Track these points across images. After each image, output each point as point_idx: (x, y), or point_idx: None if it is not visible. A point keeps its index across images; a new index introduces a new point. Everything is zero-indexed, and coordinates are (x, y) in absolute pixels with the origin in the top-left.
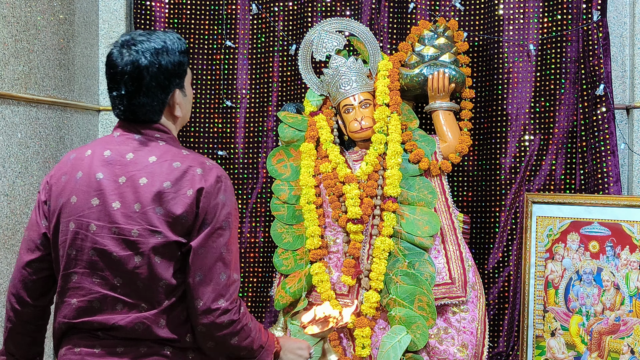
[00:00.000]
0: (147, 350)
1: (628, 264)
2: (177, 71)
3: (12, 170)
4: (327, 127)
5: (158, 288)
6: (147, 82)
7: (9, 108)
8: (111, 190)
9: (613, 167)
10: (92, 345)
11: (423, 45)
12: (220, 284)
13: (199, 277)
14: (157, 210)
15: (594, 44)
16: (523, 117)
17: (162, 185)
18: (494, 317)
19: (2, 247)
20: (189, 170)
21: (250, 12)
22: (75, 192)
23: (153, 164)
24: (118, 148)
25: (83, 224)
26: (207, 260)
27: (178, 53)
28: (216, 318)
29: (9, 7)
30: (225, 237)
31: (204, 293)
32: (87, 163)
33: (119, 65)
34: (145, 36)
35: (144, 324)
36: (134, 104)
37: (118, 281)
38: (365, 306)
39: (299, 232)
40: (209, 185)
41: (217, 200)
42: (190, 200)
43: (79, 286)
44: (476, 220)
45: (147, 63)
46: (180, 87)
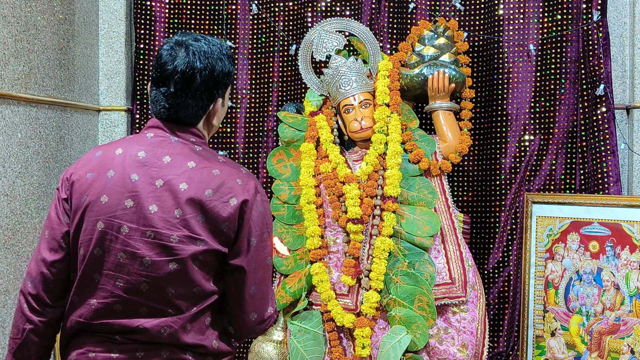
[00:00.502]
0: (169, 355)
1: (628, 264)
2: (224, 80)
3: (12, 170)
4: (327, 127)
5: (191, 295)
6: (198, 85)
7: (9, 108)
8: (147, 193)
9: (613, 167)
10: (109, 350)
11: (423, 45)
12: (270, 293)
13: (253, 291)
14: (200, 218)
15: (594, 44)
16: (523, 117)
17: (203, 193)
18: (494, 317)
19: (2, 247)
20: (229, 179)
21: (250, 12)
22: (107, 191)
23: (193, 169)
24: (154, 150)
25: (114, 225)
26: (259, 274)
27: (229, 62)
28: (267, 325)
29: (9, 7)
30: (268, 249)
31: (258, 306)
32: (119, 162)
33: (173, 62)
34: (204, 40)
35: (170, 328)
36: (180, 104)
37: (144, 287)
38: (365, 306)
39: (299, 232)
40: (251, 197)
41: (259, 212)
42: (233, 210)
43: (102, 287)
44: (476, 220)
45: (202, 66)
46: (223, 97)
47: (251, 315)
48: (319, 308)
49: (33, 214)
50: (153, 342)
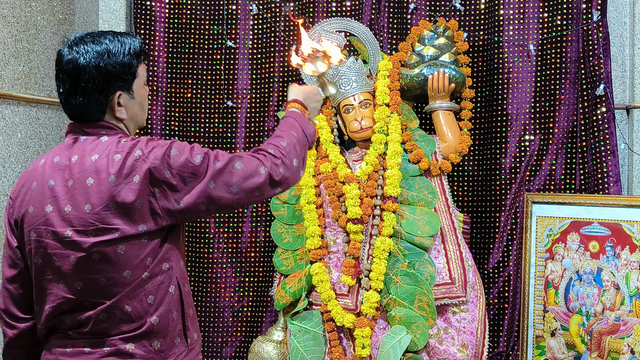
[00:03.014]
0: (109, 349)
1: (628, 264)
2: (119, 74)
3: (12, 170)
4: (327, 127)
5: (123, 279)
6: (84, 83)
7: (9, 108)
8: (63, 195)
9: (613, 167)
10: (64, 345)
11: (423, 45)
12: (245, 163)
13: (239, 166)
14: (110, 206)
15: (594, 44)
16: (523, 117)
17: (107, 181)
18: (494, 317)
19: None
20: (128, 157)
21: (251, 12)
22: (32, 202)
23: (96, 161)
24: (66, 152)
25: (42, 232)
26: (225, 177)
27: (124, 55)
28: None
29: (9, 7)
30: (210, 160)
31: (258, 167)
32: (40, 172)
33: (61, 63)
34: (93, 37)
35: (108, 313)
36: (72, 102)
37: (78, 284)
38: (365, 306)
39: (299, 232)
40: (153, 159)
41: (170, 155)
42: (139, 185)
43: (50, 292)
44: (476, 220)
45: (85, 63)
46: (126, 90)
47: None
48: (319, 308)
49: None
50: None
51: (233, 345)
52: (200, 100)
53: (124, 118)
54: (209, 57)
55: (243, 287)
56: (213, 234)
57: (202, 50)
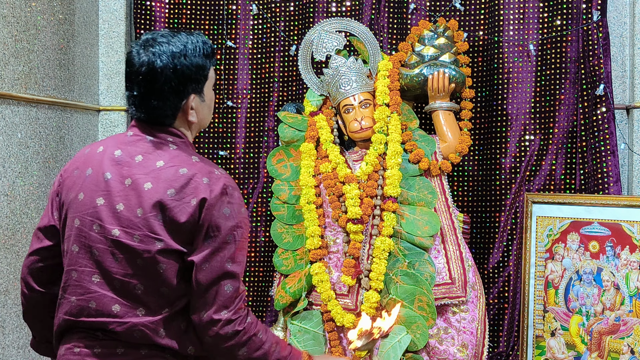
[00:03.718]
0: (147, 352)
1: (628, 264)
2: (194, 76)
3: (12, 170)
4: (327, 127)
5: (159, 294)
6: (160, 85)
7: (9, 108)
8: (117, 191)
9: (613, 167)
10: (92, 346)
11: (423, 45)
12: (225, 296)
13: (203, 289)
14: (159, 218)
15: (594, 44)
16: (523, 117)
17: (165, 193)
18: (494, 317)
19: (2, 247)
20: (194, 178)
21: (251, 12)
22: (84, 189)
23: (160, 168)
24: (129, 148)
25: (87, 222)
26: (212, 274)
27: (198, 56)
28: (220, 329)
29: (9, 7)
30: (230, 250)
31: (207, 305)
32: (97, 160)
33: (135, 64)
34: (167, 37)
35: (142, 332)
36: (146, 105)
37: (117, 284)
38: (365, 306)
39: (299, 232)
40: (214, 197)
41: (221, 213)
42: (192, 209)
43: (78, 284)
44: (476, 220)
45: (162, 65)
46: (198, 92)
47: (200, 314)
48: (319, 308)
49: (33, 214)
50: (129, 341)
51: None
52: None
53: (194, 122)
54: None
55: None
56: None
57: None
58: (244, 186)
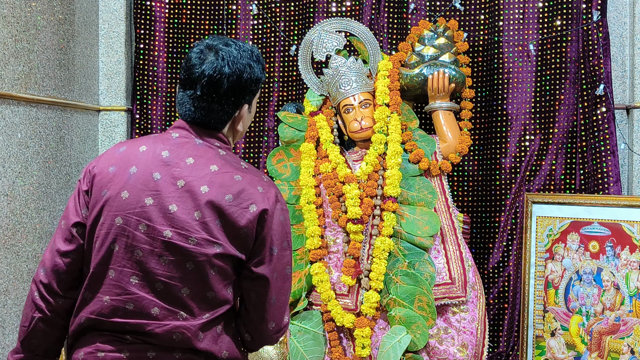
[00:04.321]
0: (181, 356)
1: (628, 264)
2: (252, 87)
3: (12, 170)
4: (327, 127)
5: (204, 299)
6: (224, 91)
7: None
8: (168, 192)
9: (613, 167)
10: (119, 350)
11: (423, 45)
12: (287, 302)
13: (274, 300)
14: (218, 222)
15: (594, 44)
16: (523, 117)
17: (223, 198)
18: (494, 317)
19: (2, 247)
20: (249, 186)
21: (251, 12)
22: (128, 187)
23: (214, 173)
24: (177, 150)
25: (132, 222)
26: (279, 283)
27: (260, 69)
28: (282, 334)
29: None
30: (288, 257)
31: (277, 315)
32: (142, 159)
33: (201, 66)
34: (237, 45)
35: (183, 335)
36: (205, 107)
37: (159, 286)
38: (365, 306)
39: (299, 232)
40: (270, 205)
41: (279, 221)
42: (252, 217)
43: (115, 284)
44: (476, 220)
45: (230, 72)
46: (249, 103)
47: (270, 324)
48: (319, 308)
49: (33, 214)
50: (165, 345)
51: None
52: None
53: (240, 131)
54: None
55: None
56: None
57: None
58: None
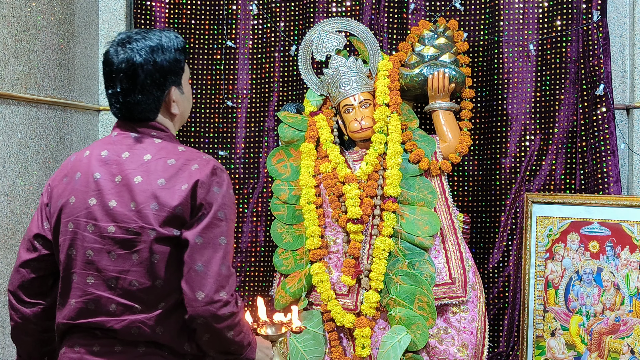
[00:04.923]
0: (145, 349)
1: (628, 264)
2: (173, 68)
3: (12, 170)
4: (327, 127)
5: (154, 288)
6: (142, 80)
7: (9, 108)
8: (108, 189)
9: (613, 167)
10: (91, 344)
11: (423, 45)
12: (222, 275)
13: (199, 267)
14: (152, 207)
15: (594, 44)
16: (523, 117)
17: (156, 183)
18: (494, 317)
19: (2, 247)
20: (185, 166)
21: (251, 12)
22: (74, 192)
23: (148, 162)
24: (114, 147)
25: (81, 224)
26: (207, 251)
27: (174, 50)
28: (218, 310)
29: (9, 7)
30: (222, 228)
31: (205, 284)
32: (85, 163)
33: (114, 63)
34: (142, 34)
35: (139, 329)
36: (129, 101)
37: (112, 282)
38: (365, 306)
39: (299, 232)
40: (204, 176)
41: (212, 191)
42: (185, 193)
43: (77, 287)
44: (476, 220)
45: (142, 60)
46: (177, 85)
47: (197, 294)
48: (319, 308)
49: (33, 214)
50: (127, 339)
51: None
52: (200, 100)
53: (177, 114)
54: (209, 57)
55: (243, 287)
56: None
57: (202, 50)
58: (244, 186)
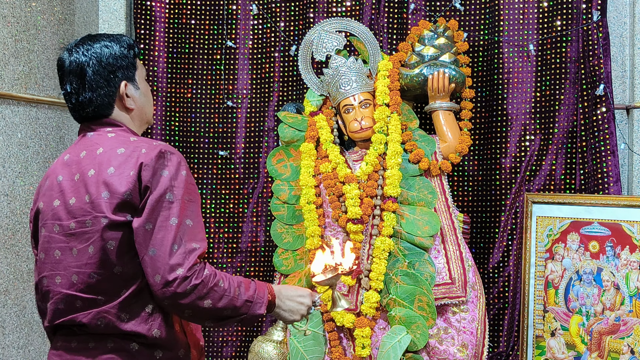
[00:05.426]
0: (113, 345)
1: (628, 264)
2: (120, 63)
3: (12, 170)
4: (327, 127)
5: (114, 277)
6: (90, 77)
7: (9, 108)
8: (69, 188)
9: (613, 167)
10: (69, 341)
11: (423, 45)
12: (174, 254)
13: (152, 251)
14: (104, 195)
15: (594, 44)
16: (523, 117)
17: (106, 172)
18: (494, 317)
19: (2, 247)
20: (133, 153)
21: (251, 12)
22: (43, 198)
23: (100, 154)
24: (75, 149)
25: (48, 226)
26: (158, 235)
27: (120, 47)
28: (177, 288)
29: (9, 7)
30: (172, 210)
31: (159, 267)
32: (52, 169)
33: (64, 66)
34: (89, 38)
35: (104, 319)
36: (81, 100)
37: (75, 278)
38: (365, 306)
39: (299, 232)
40: (150, 160)
41: (158, 174)
42: (133, 178)
43: (49, 289)
44: (476, 220)
45: (87, 59)
46: (130, 80)
47: (154, 278)
48: (319, 308)
49: None
50: (97, 333)
51: (233, 345)
52: (200, 100)
53: (132, 108)
54: (209, 57)
55: None
56: (213, 234)
57: (202, 50)
58: (244, 186)
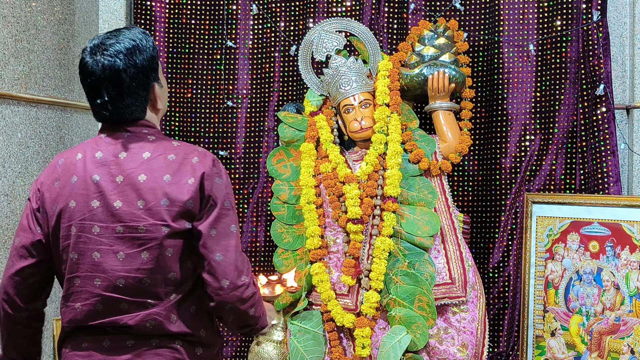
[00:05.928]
0: (158, 342)
1: (628, 264)
2: (152, 66)
3: (12, 170)
4: (327, 127)
5: (167, 281)
6: (128, 84)
7: (9, 108)
8: (110, 190)
9: (613, 167)
10: (100, 340)
11: (423, 45)
12: (239, 261)
13: (219, 257)
14: (163, 203)
15: (594, 44)
16: (523, 117)
17: (162, 180)
18: (494, 317)
19: (2, 247)
20: (185, 160)
21: (251, 12)
22: (73, 196)
23: (149, 159)
24: (109, 148)
25: (85, 227)
26: (222, 241)
27: (150, 48)
28: (242, 293)
29: (9, 7)
30: (230, 217)
31: (228, 272)
32: (80, 166)
33: (95, 72)
34: (114, 38)
35: (155, 321)
36: (119, 107)
37: (121, 282)
38: (365, 306)
39: (299, 232)
40: (209, 168)
41: (216, 183)
42: (194, 187)
43: (82, 290)
44: (476, 220)
45: (124, 65)
46: (157, 80)
47: (222, 283)
48: (319, 308)
49: None
50: (141, 333)
51: (233, 345)
52: (200, 100)
53: (160, 109)
54: (209, 57)
55: None
56: None
57: (202, 50)
58: (244, 186)
